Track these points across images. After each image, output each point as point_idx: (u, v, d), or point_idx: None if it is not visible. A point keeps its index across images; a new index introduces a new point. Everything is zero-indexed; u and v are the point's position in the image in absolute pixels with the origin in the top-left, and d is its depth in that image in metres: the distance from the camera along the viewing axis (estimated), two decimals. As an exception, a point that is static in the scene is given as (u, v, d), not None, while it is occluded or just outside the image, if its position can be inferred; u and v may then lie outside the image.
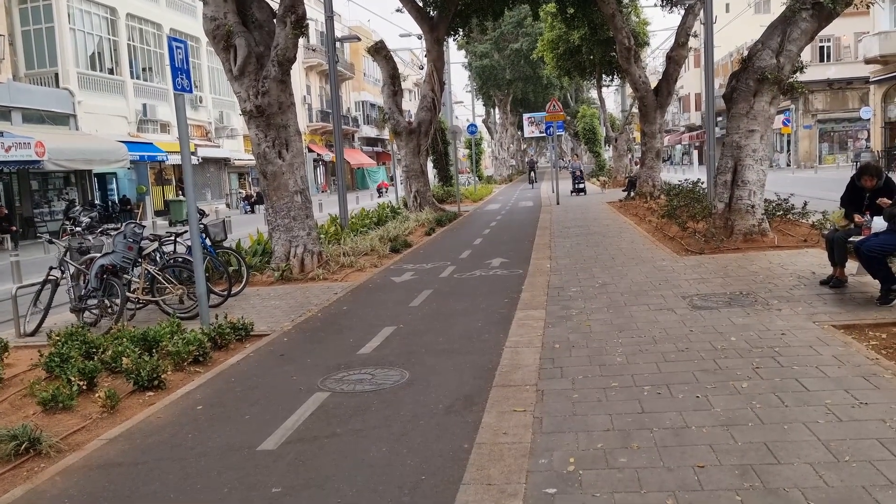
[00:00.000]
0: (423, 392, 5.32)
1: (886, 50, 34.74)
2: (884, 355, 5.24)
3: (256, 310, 8.80)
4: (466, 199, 30.72)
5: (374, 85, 59.06)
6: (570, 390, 4.99)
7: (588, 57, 29.54)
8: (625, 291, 8.32)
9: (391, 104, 22.09)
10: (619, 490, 3.47)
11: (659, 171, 23.53)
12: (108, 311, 8.15)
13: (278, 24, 10.90)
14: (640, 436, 4.10)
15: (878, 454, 3.62)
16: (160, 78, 32.14)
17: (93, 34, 28.36)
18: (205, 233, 9.53)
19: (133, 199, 29.89)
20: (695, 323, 6.60)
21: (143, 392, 5.77)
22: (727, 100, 11.79)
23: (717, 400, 4.57)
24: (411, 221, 18.55)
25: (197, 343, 6.49)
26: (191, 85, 7.57)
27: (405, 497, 3.66)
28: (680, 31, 22.05)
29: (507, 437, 4.21)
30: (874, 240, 6.74)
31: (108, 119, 28.13)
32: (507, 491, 3.54)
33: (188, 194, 7.67)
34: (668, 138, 65.48)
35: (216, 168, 38.73)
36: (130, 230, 8.50)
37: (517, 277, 10.05)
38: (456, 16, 23.06)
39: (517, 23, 45.68)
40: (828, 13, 11.15)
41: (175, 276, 8.71)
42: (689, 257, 10.48)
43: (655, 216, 15.88)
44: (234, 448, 4.50)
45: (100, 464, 4.41)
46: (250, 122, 11.19)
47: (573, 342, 6.26)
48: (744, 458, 3.71)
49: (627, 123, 37.18)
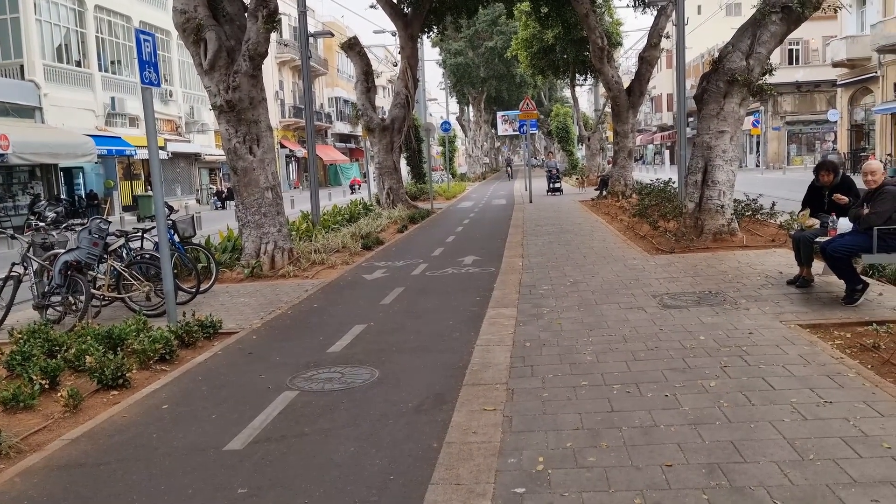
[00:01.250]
0: (393, 391, 5.29)
1: (853, 54, 35.36)
2: (848, 354, 5.32)
3: (225, 307, 8.69)
4: (440, 196, 30.71)
5: (347, 81, 58.76)
6: (541, 389, 4.99)
7: (562, 56, 29.67)
8: (596, 290, 8.36)
9: (364, 101, 21.99)
10: (587, 489, 3.47)
11: (631, 171, 23.72)
12: (72, 309, 8.00)
13: (250, 19, 10.77)
14: (609, 435, 4.11)
15: (842, 453, 3.67)
16: (129, 71, 31.62)
17: (59, 25, 27.80)
18: (173, 229, 9.39)
19: (100, 194, 29.40)
20: (664, 322, 6.65)
21: (108, 391, 5.66)
22: (698, 101, 11.91)
23: (686, 399, 4.60)
24: (384, 219, 18.48)
25: (163, 341, 6.38)
26: (159, 79, 7.44)
27: (373, 497, 3.62)
28: (652, 32, 22.23)
29: (477, 437, 4.19)
30: (839, 241, 6.84)
31: (75, 112, 27.60)
32: (475, 490, 3.53)
33: (156, 189, 7.55)
34: (640, 138, 66.05)
35: (186, 163, 38.24)
36: (96, 226, 8.34)
37: (489, 275, 10.05)
38: (430, 13, 23.01)
39: (492, 21, 45.74)
40: (796, 17, 11.32)
41: (142, 273, 8.57)
42: (660, 256, 10.57)
43: (627, 215, 16.00)
44: (199, 448, 4.42)
45: (61, 464, 4.31)
46: (221, 117, 11.05)
47: (544, 341, 6.26)
48: (711, 456, 3.73)
49: (600, 123, 37.46)
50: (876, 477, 3.39)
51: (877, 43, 31.92)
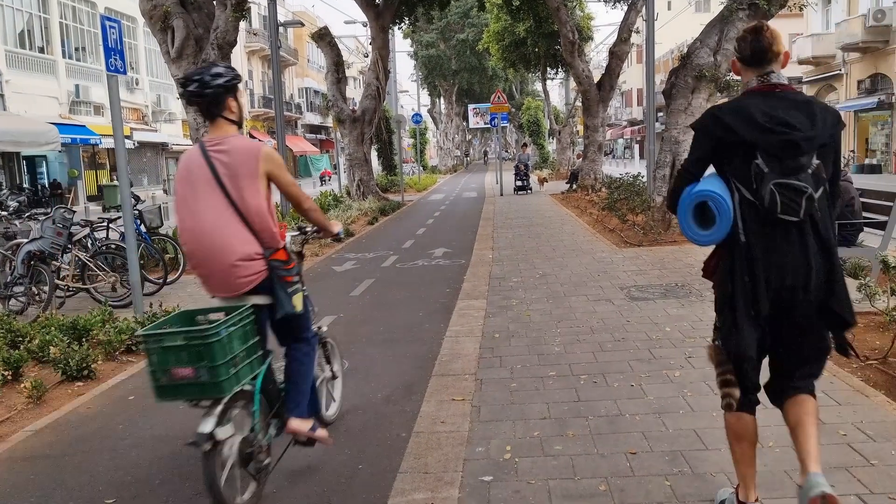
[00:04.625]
0: (363, 381, 5.30)
1: (819, 52, 35.98)
2: (808, 345, 5.44)
3: (193, 298, 8.61)
4: (410, 188, 30.67)
5: (318, 72, 58.33)
6: (509, 379, 5.04)
7: (533, 49, 29.76)
8: (564, 282, 8.44)
9: (335, 91, 21.85)
10: (553, 477, 3.52)
11: (601, 165, 23.91)
12: (36, 299, 7.87)
13: (218, 7, 10.65)
14: (575, 424, 4.17)
15: (800, 440, 3.76)
16: (94, 58, 31.03)
17: (22, 10, 27.17)
18: (140, 219, 9.29)
19: (64, 184, 28.83)
20: (631, 313, 6.74)
21: (72, 382, 5.59)
22: (667, 96, 12.06)
23: (651, 388, 4.68)
24: (354, 210, 18.43)
25: (130, 332, 6.32)
26: (125, 66, 7.34)
27: (341, 486, 3.64)
28: (623, 27, 22.40)
29: (445, 426, 4.23)
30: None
31: (37, 99, 27.02)
32: (443, 479, 3.56)
33: (121, 179, 7.46)
34: (610, 132, 66.56)
35: (153, 153, 37.67)
36: (60, 215, 8.21)
37: (459, 267, 10.09)
38: (402, 4, 22.94)
39: (463, 13, 45.71)
40: (763, 14, 11.50)
41: (108, 264, 8.46)
42: (628, 249, 10.70)
43: (596, 209, 16.16)
44: (166, 438, 4.40)
45: (25, 455, 4.26)
46: (189, 107, 10.91)
47: (513, 332, 6.32)
48: (674, 444, 3.81)
49: (571, 117, 37.65)
50: (832, 463, 3.49)
51: (841, 41, 32.53)
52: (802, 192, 2.63)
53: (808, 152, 2.66)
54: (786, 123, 2.65)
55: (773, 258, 2.72)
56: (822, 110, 2.73)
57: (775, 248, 2.72)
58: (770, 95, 2.76)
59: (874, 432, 3.81)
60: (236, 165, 3.38)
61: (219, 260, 3.36)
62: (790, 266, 2.71)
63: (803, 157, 2.65)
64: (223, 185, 3.36)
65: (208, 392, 3.15)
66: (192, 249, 3.45)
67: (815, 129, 2.66)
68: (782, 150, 2.65)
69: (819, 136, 2.67)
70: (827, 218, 2.77)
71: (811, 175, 2.65)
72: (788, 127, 2.65)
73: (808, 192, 2.63)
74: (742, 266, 2.77)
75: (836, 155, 2.79)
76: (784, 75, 2.83)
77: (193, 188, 3.40)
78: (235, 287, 3.40)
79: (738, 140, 2.72)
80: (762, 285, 2.73)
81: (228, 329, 3.12)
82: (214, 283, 3.47)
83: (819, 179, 2.69)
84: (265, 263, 3.41)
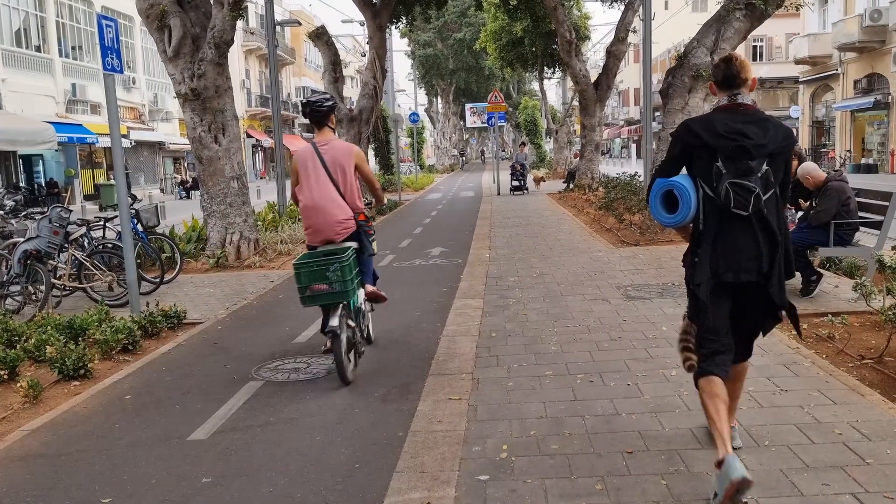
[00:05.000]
0: (360, 380, 5.30)
1: (815, 51, 36.05)
2: (803, 344, 5.46)
3: (190, 297, 8.61)
4: (408, 187, 30.65)
5: (315, 71, 58.28)
6: (506, 378, 5.04)
7: (530, 49, 29.74)
8: (561, 281, 8.45)
9: (332, 91, 21.76)
10: (550, 476, 3.53)
11: (598, 164, 23.94)
12: (32, 298, 7.85)
13: (215, 6, 10.63)
14: (572, 423, 4.18)
15: (796, 439, 3.78)
16: (91, 57, 30.96)
17: (18, 9, 27.09)
18: (136, 218, 9.26)
19: (61, 183, 28.77)
20: (628, 313, 6.75)
21: (69, 382, 5.58)
22: (664, 95, 12.08)
23: (647, 387, 4.69)
24: (351, 210, 18.39)
25: (126, 331, 6.30)
26: (122, 65, 7.32)
27: (338, 485, 3.64)
28: (620, 27, 22.42)
29: (442, 425, 4.23)
30: (796, 234, 7.03)
31: (34, 99, 26.96)
32: (440, 478, 3.56)
33: (118, 178, 7.44)
34: (607, 132, 66.57)
35: (150, 152, 37.62)
36: (56, 214, 8.19)
37: (456, 267, 10.09)
38: (399, 3, 22.88)
39: (461, 12, 45.67)
40: (760, 14, 11.53)
41: (104, 263, 8.45)
42: (625, 248, 10.71)
43: (593, 208, 16.17)
44: (163, 438, 4.39)
45: (21, 455, 4.26)
46: (185, 106, 10.90)
47: (510, 331, 6.33)
48: (670, 443, 3.82)
49: (568, 116, 37.62)
50: (827, 462, 3.50)
51: (838, 41, 32.59)
52: (751, 192, 3.14)
53: (758, 158, 3.18)
54: (741, 133, 3.20)
55: (726, 243, 3.26)
56: (775, 126, 3.29)
57: (728, 236, 3.26)
58: (734, 112, 3.33)
59: (869, 431, 3.82)
60: (337, 158, 5.31)
61: (328, 220, 5.27)
62: (740, 251, 3.24)
63: (753, 162, 3.17)
64: (329, 171, 5.27)
65: (337, 298, 5.09)
66: (310, 214, 5.31)
67: (765, 139, 3.20)
68: (735, 154, 3.18)
69: (768, 145, 3.20)
70: (774, 215, 3.25)
71: (760, 178, 3.16)
72: (742, 136, 3.19)
73: (756, 191, 3.14)
74: (700, 247, 3.33)
75: (786, 165, 3.31)
76: (749, 97, 3.38)
77: (309, 173, 5.29)
78: (338, 236, 5.31)
79: (702, 144, 3.27)
80: (721, 268, 3.26)
81: (346, 258, 5.07)
82: (324, 235, 5.31)
83: (768, 183, 3.20)
84: (355, 222, 5.35)
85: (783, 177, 3.30)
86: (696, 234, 3.38)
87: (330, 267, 5.02)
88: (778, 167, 3.24)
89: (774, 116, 3.54)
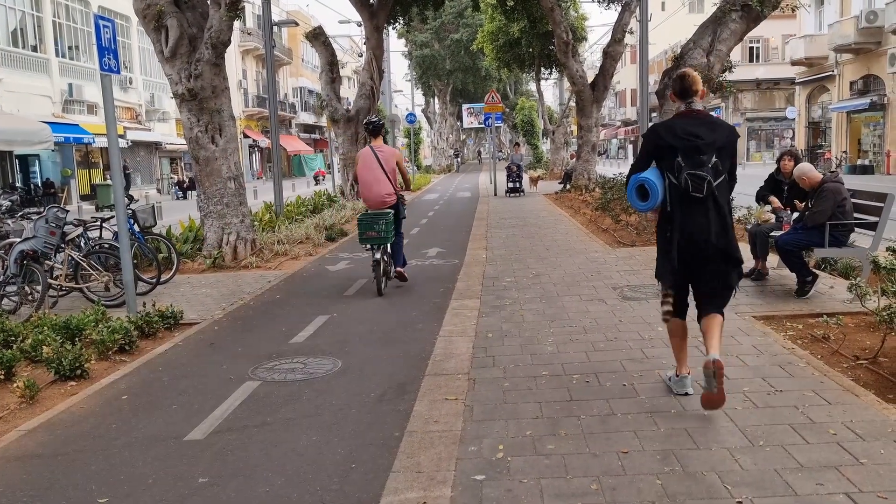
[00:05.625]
0: (356, 381, 5.31)
1: (811, 52, 36.15)
2: (799, 345, 5.49)
3: (186, 298, 8.61)
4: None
5: (312, 71, 58.25)
6: (502, 379, 5.05)
7: (527, 50, 29.80)
8: (558, 282, 8.46)
9: (329, 91, 21.81)
10: (545, 476, 3.54)
11: (594, 165, 23.97)
12: (29, 299, 7.85)
13: (212, 6, 10.63)
14: (567, 423, 4.19)
15: (791, 439, 3.80)
16: (87, 57, 30.92)
17: (14, 9, 27.04)
18: (133, 218, 9.26)
19: (57, 183, 28.71)
20: (624, 313, 6.77)
21: (65, 382, 5.58)
22: (660, 96, 12.10)
23: (643, 388, 4.71)
24: (348, 210, 18.40)
25: (123, 331, 6.31)
26: (118, 65, 7.33)
27: (334, 485, 3.65)
28: (617, 28, 22.47)
29: (438, 426, 4.24)
30: (791, 235, 7.06)
31: (30, 98, 26.91)
32: (436, 478, 3.58)
33: (114, 178, 7.43)
34: (604, 132, 66.71)
35: (147, 152, 37.56)
36: (53, 214, 8.18)
37: (453, 267, 10.11)
38: (396, 4, 22.91)
39: (458, 13, 45.72)
40: (756, 15, 11.56)
41: (101, 263, 8.45)
42: (621, 249, 10.73)
43: (590, 209, 16.20)
44: (160, 438, 4.40)
45: (17, 455, 4.26)
46: (182, 106, 10.90)
47: (506, 331, 6.34)
48: (666, 443, 3.84)
49: (565, 117, 37.69)
50: (822, 462, 3.52)
51: (834, 42, 32.68)
52: (704, 179, 4.13)
53: (707, 153, 4.15)
54: (694, 134, 4.18)
55: (688, 220, 4.23)
56: (721, 126, 4.29)
57: (689, 214, 4.23)
58: (689, 117, 4.32)
59: (864, 431, 3.84)
60: (387, 157, 8.33)
61: (379, 194, 8.28)
62: (698, 225, 4.20)
63: (703, 156, 4.14)
64: (381, 165, 8.24)
65: (381, 242, 8.12)
66: (367, 190, 8.33)
67: (713, 138, 4.18)
68: (691, 151, 4.16)
69: (715, 142, 4.17)
70: (723, 197, 4.24)
71: (711, 168, 4.14)
72: (695, 136, 4.17)
73: (708, 179, 4.14)
74: (668, 225, 4.33)
75: (731, 157, 4.27)
76: (700, 104, 4.36)
77: (368, 165, 8.29)
78: (383, 205, 8.31)
79: (667, 144, 4.24)
80: (679, 237, 4.24)
81: (388, 217, 8.12)
82: (375, 205, 8.33)
83: (718, 171, 4.17)
84: (395, 197, 8.38)
85: (729, 165, 4.26)
86: (666, 213, 4.34)
87: (378, 222, 8.10)
88: (724, 158, 4.21)
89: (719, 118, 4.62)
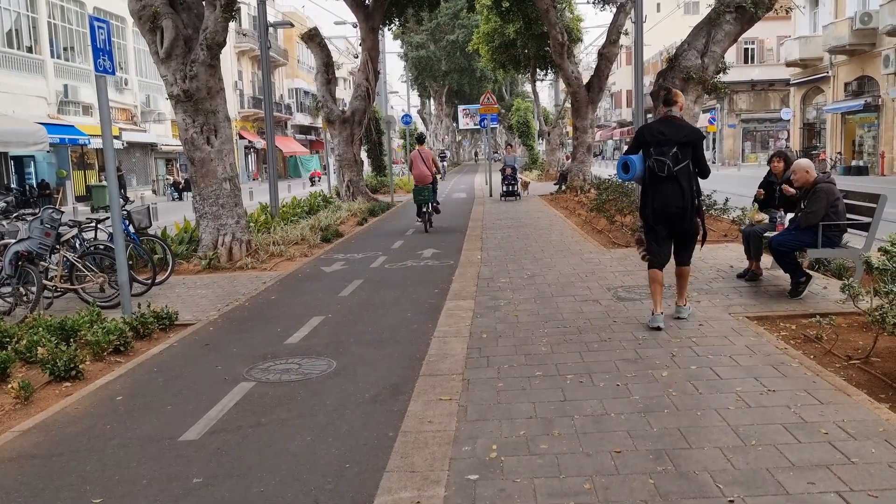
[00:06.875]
0: (351, 381, 5.33)
1: (806, 54, 36.24)
2: (791, 345, 5.52)
3: (182, 299, 8.61)
4: (400, 189, 30.62)
5: (308, 72, 58.22)
6: (496, 379, 5.07)
7: (523, 51, 29.83)
8: (552, 283, 8.48)
9: (325, 92, 21.83)
10: (539, 475, 3.56)
11: (590, 166, 24.00)
12: (24, 300, 7.85)
13: (207, 7, 10.63)
14: (561, 423, 4.21)
15: (783, 438, 3.82)
16: (83, 58, 30.88)
17: (10, 10, 27.01)
18: (128, 219, 9.27)
19: (52, 184, 28.67)
20: (618, 314, 6.79)
21: (60, 383, 5.59)
22: (654, 97, 12.12)
23: (636, 388, 4.73)
24: (343, 211, 18.42)
25: (118, 332, 6.31)
26: (114, 67, 7.33)
27: (328, 485, 3.67)
28: (612, 29, 22.51)
29: (432, 426, 4.26)
30: (785, 235, 7.09)
31: (25, 99, 26.87)
32: (430, 478, 3.59)
33: (110, 179, 7.44)
34: (599, 133, 66.78)
35: (142, 153, 37.53)
36: (48, 215, 8.18)
37: (448, 268, 10.12)
38: (392, 5, 22.96)
39: (453, 14, 45.76)
40: (750, 17, 11.60)
41: (96, 264, 8.45)
42: (616, 250, 10.76)
43: (585, 210, 16.22)
44: (154, 439, 4.41)
45: (12, 456, 4.26)
46: (178, 107, 10.90)
47: (500, 332, 6.36)
48: (659, 443, 3.86)
49: (560, 118, 37.71)
50: (813, 461, 3.54)
51: (828, 44, 32.77)
52: (665, 163, 5.89)
53: (668, 145, 5.90)
54: (662, 132, 5.97)
55: (659, 194, 6.00)
56: (684, 127, 6.03)
57: (660, 190, 6.00)
58: (664, 120, 6.09)
59: (855, 431, 3.87)
60: (427, 156, 15.72)
61: (424, 177, 15.41)
62: (668, 199, 5.96)
63: (665, 147, 5.90)
64: (424, 161, 15.50)
65: (426, 201, 15.30)
66: (418, 174, 15.36)
67: (675, 134, 5.94)
68: (658, 143, 5.95)
69: (675, 138, 5.92)
70: (686, 179, 5.93)
71: (671, 156, 5.88)
72: (662, 133, 5.97)
73: (668, 163, 5.88)
74: (647, 199, 6.10)
75: (695, 150, 5.98)
76: (678, 112, 6.10)
77: (418, 160, 15.52)
78: (426, 182, 15.39)
79: (645, 139, 6.07)
80: (651, 203, 6.06)
81: (429, 188, 15.39)
82: (422, 182, 15.31)
83: (678, 159, 5.89)
84: (432, 177, 15.51)
85: (692, 155, 5.96)
86: (645, 187, 6.08)
87: (424, 191, 15.15)
88: (685, 151, 5.91)
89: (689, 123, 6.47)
